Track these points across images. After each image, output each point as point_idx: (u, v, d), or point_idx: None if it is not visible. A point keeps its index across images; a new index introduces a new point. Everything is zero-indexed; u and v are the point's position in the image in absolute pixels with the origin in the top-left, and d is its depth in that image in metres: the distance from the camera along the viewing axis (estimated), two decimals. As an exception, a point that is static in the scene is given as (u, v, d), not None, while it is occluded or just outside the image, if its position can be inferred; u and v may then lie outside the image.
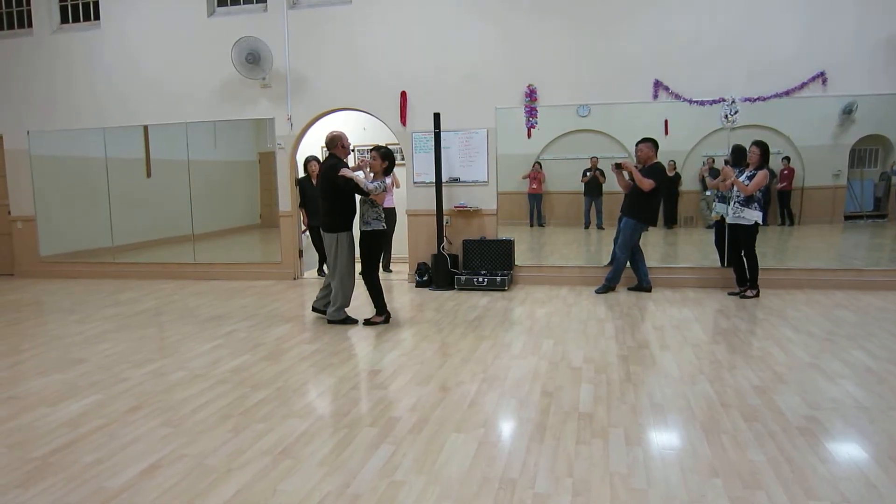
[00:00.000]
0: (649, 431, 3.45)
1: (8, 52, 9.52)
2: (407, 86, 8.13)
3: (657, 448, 3.25)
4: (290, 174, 8.67)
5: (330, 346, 5.38)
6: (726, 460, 3.07)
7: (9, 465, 3.23)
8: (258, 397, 4.13)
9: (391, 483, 2.94)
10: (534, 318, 6.16)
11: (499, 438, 3.42)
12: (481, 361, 4.79)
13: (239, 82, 8.58)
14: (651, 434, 3.42)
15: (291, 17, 8.44)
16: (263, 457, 3.24)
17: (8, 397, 4.28)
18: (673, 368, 4.51)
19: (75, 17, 9.42)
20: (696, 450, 3.20)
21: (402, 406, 3.91)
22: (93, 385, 4.47)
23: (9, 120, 9.62)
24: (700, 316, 6.10)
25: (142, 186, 9.32)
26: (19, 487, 2.99)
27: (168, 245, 9.37)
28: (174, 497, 2.86)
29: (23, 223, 9.76)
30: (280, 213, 8.79)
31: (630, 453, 3.19)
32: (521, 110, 7.88)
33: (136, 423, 3.75)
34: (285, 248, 8.84)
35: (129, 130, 9.22)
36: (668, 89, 7.46)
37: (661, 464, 3.06)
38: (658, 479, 2.91)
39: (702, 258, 7.87)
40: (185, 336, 5.81)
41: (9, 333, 6.14)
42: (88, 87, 9.26)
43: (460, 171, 8.15)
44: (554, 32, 7.68)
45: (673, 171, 8.22)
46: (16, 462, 3.26)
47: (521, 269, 8.08)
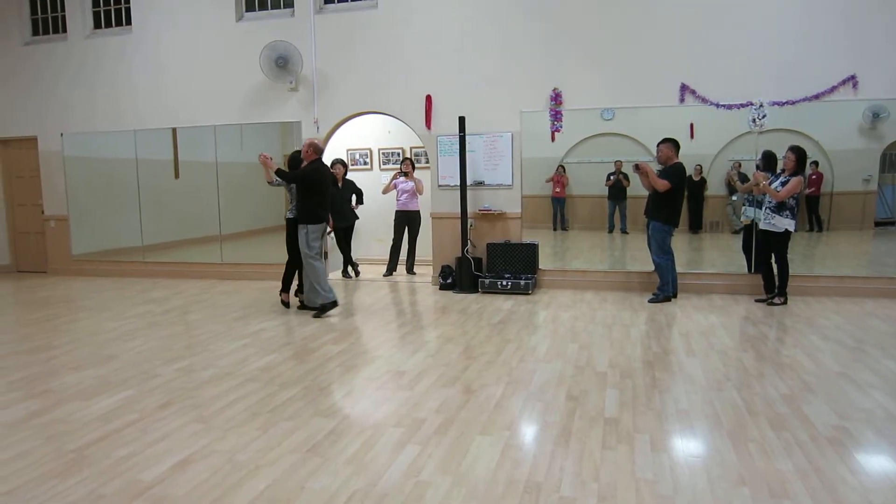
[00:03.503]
0: (675, 438, 3.45)
1: (44, 56, 9.75)
2: (432, 89, 8.18)
3: (683, 455, 3.24)
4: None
5: (355, 346, 5.44)
6: (754, 469, 3.06)
7: (46, 456, 3.32)
8: (286, 396, 4.19)
9: (417, 483, 2.97)
10: (558, 322, 6.16)
11: (524, 441, 3.44)
12: (506, 364, 4.80)
13: (266, 86, 8.70)
14: (677, 440, 3.41)
15: (318, 22, 8.53)
16: (291, 454, 3.29)
17: (44, 391, 4.38)
18: (699, 375, 4.49)
19: (108, 23, 9.61)
20: (723, 457, 3.19)
21: (428, 407, 3.94)
22: (125, 381, 4.56)
23: (43, 122, 9.84)
24: (727, 322, 6.06)
25: (170, 187, 9.48)
26: (56, 478, 3.07)
27: (196, 245, 9.51)
28: (205, 492, 2.92)
29: (56, 222, 9.97)
30: (306, 215, 8.87)
31: (656, 459, 3.18)
32: (546, 114, 7.88)
33: (168, 418, 3.83)
34: (311, 250, 8.92)
35: (159, 133, 9.38)
36: (694, 93, 7.42)
37: (688, 471, 3.06)
38: (685, 485, 2.91)
39: (728, 264, 7.81)
40: (214, 334, 5.91)
41: (43, 329, 6.28)
42: (120, 90, 9.44)
43: (485, 175, 8.17)
44: (580, 36, 7.67)
45: (699, 176, 8.16)
46: (53, 454, 3.35)
47: (546, 273, 8.07)
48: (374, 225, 10.14)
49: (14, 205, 10.34)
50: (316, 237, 6.56)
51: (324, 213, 6.60)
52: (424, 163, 9.43)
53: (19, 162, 10.19)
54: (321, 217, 6.56)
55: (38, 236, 10.21)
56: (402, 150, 10.21)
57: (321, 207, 6.57)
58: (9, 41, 9.86)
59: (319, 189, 6.52)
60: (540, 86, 7.85)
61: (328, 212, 6.70)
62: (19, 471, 3.17)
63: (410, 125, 8.42)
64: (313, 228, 6.51)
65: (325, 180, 6.60)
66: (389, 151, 10.33)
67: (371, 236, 10.30)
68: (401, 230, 9.14)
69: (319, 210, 6.55)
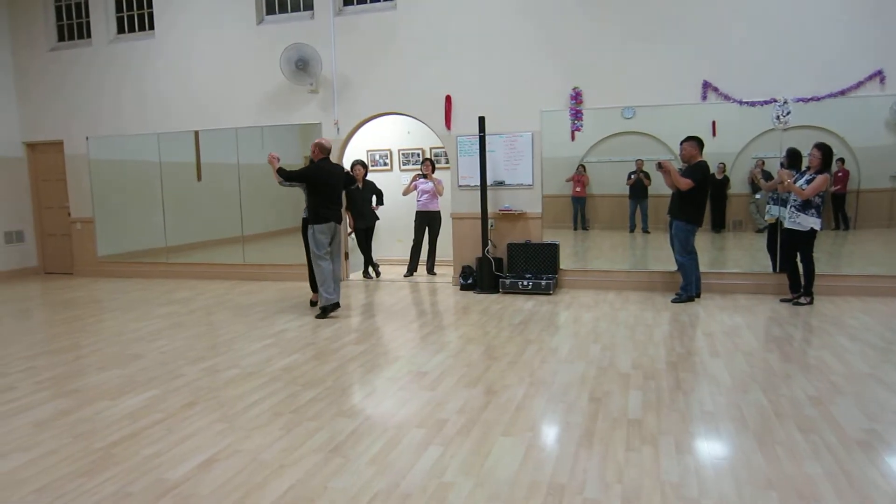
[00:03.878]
0: (700, 440, 3.41)
1: (69, 61, 9.90)
2: (451, 89, 8.18)
3: (709, 457, 3.20)
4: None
5: (377, 347, 5.45)
6: (781, 472, 3.02)
7: (74, 454, 3.37)
8: (308, 396, 4.21)
9: (440, 484, 2.97)
10: (580, 323, 6.12)
11: (547, 443, 3.42)
12: (528, 365, 4.79)
13: (287, 88, 8.75)
14: (702, 443, 3.38)
15: (337, 24, 8.57)
16: (314, 454, 3.31)
17: (71, 390, 4.45)
18: (724, 376, 4.44)
19: (131, 28, 9.74)
20: (750, 460, 3.15)
21: (450, 408, 3.94)
22: (150, 380, 4.62)
23: (69, 126, 10.00)
24: (751, 323, 5.98)
25: (193, 190, 9.58)
26: (84, 476, 3.12)
27: (219, 246, 9.61)
28: (230, 491, 2.94)
29: (82, 224, 10.12)
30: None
31: (681, 461, 3.15)
32: (566, 113, 7.84)
33: (192, 418, 3.86)
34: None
35: (181, 135, 9.49)
36: (717, 90, 7.34)
37: (714, 473, 3.02)
38: (711, 488, 2.88)
39: (752, 263, 7.71)
40: (237, 335, 5.96)
41: (70, 330, 6.38)
42: (143, 94, 9.57)
43: (505, 175, 8.15)
44: (600, 34, 7.63)
45: (722, 174, 8.07)
46: (80, 452, 3.39)
47: (567, 273, 8.04)
48: (394, 225, 10.17)
49: (41, 208, 10.51)
50: (321, 237, 6.53)
51: (329, 213, 6.53)
52: (444, 163, 9.44)
53: (46, 166, 10.36)
54: (325, 217, 6.51)
55: (64, 238, 10.38)
56: (421, 151, 10.23)
57: (326, 207, 6.53)
58: (35, 47, 10.03)
59: (323, 188, 6.50)
60: (560, 85, 7.81)
61: (335, 211, 6.63)
62: (49, 468, 3.22)
63: (430, 126, 8.43)
64: (318, 228, 6.50)
65: (327, 179, 6.55)
66: (409, 152, 10.35)
67: (391, 237, 10.33)
68: (421, 231, 9.16)
69: (323, 209, 6.51)
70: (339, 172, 6.82)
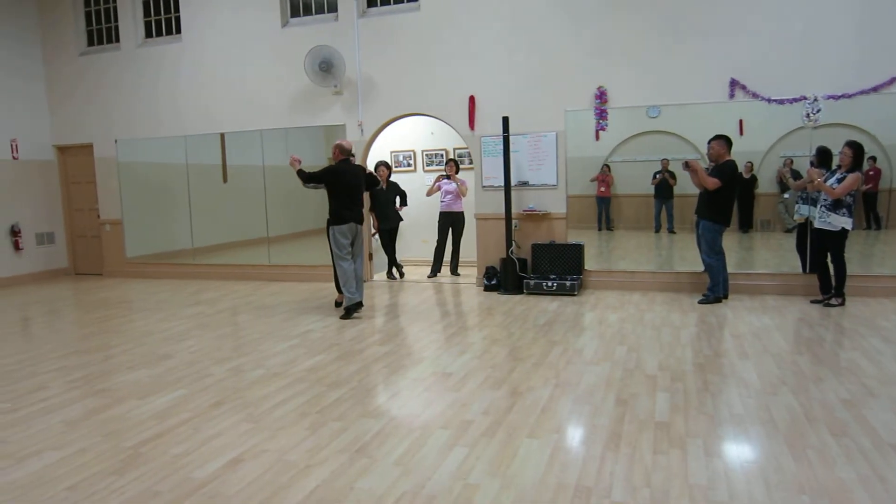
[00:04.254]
0: (730, 443, 3.36)
1: (98, 66, 10.07)
2: (475, 90, 8.16)
3: (739, 461, 3.15)
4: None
5: (402, 348, 5.46)
6: (813, 477, 2.96)
7: (104, 452, 3.42)
8: (334, 396, 4.22)
9: (466, 486, 2.96)
10: (606, 324, 6.07)
11: (573, 445, 3.40)
12: (553, 367, 4.76)
13: (311, 90, 8.81)
14: (732, 446, 3.33)
15: (361, 25, 8.61)
16: (340, 454, 3.32)
17: (101, 389, 4.52)
18: (753, 378, 4.37)
19: (158, 32, 9.88)
20: (781, 464, 3.09)
21: (475, 409, 3.93)
22: (178, 380, 4.67)
23: (99, 129, 10.16)
24: (781, 324, 5.89)
25: (219, 191, 9.68)
26: (114, 474, 3.16)
27: (244, 247, 9.70)
28: (257, 490, 2.96)
29: (111, 226, 10.29)
30: (351, 217, 8.95)
31: (710, 465, 3.11)
32: (591, 112, 7.79)
33: (219, 417, 3.90)
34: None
35: (208, 138, 9.59)
36: (745, 88, 7.23)
37: (744, 477, 2.97)
38: (741, 492, 2.83)
39: (781, 263, 7.59)
40: (263, 335, 6.00)
41: (100, 330, 6.48)
42: (170, 97, 9.69)
43: (529, 175, 8.12)
44: (625, 33, 7.56)
45: (749, 173, 7.96)
46: (111, 451, 3.44)
47: (591, 274, 7.98)
48: (418, 226, 10.18)
49: (72, 210, 10.70)
50: (341, 238, 6.56)
51: (348, 214, 6.55)
52: (468, 163, 9.43)
53: (76, 168, 10.54)
54: (345, 217, 6.53)
55: (94, 240, 10.55)
56: (445, 152, 10.23)
57: (345, 208, 6.56)
58: (66, 52, 10.22)
59: (343, 190, 6.53)
60: (584, 84, 7.76)
61: (355, 212, 6.62)
62: (80, 467, 3.27)
63: (454, 126, 8.42)
64: (338, 229, 6.54)
65: (347, 180, 6.56)
66: (433, 153, 10.36)
67: (415, 238, 10.34)
68: (445, 231, 9.15)
69: (343, 210, 6.54)
70: (360, 173, 6.81)
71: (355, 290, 6.59)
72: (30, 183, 10.14)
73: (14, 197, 9.89)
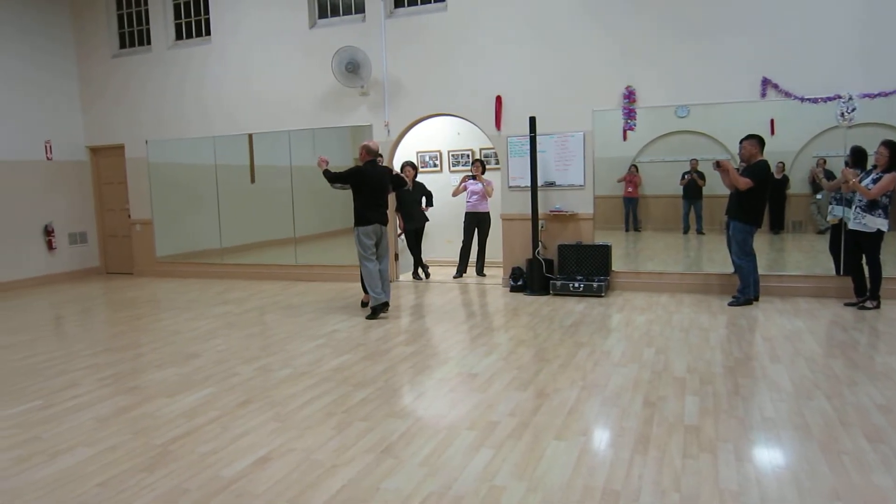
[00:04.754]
0: (761, 447, 3.29)
1: (130, 68, 10.23)
2: (502, 90, 8.13)
3: (770, 466, 3.09)
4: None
5: (427, 348, 5.46)
6: (849, 483, 2.89)
7: (135, 450, 3.47)
8: (360, 396, 4.23)
9: (492, 487, 2.94)
10: (633, 326, 6.01)
11: (600, 447, 3.36)
12: (580, 368, 4.72)
13: (338, 90, 8.85)
14: (763, 450, 3.26)
15: (389, 26, 8.63)
16: (366, 454, 3.32)
17: (132, 387, 4.58)
18: (785, 382, 4.28)
19: (188, 34, 10.01)
20: (815, 470, 3.02)
21: (501, 410, 3.90)
22: (206, 379, 4.72)
23: (130, 130, 10.33)
24: (813, 327, 5.77)
25: (247, 192, 9.78)
26: (144, 471, 3.20)
27: (271, 247, 9.78)
28: (284, 489, 2.98)
29: (141, 226, 10.45)
30: (377, 217, 8.97)
31: (741, 469, 3.05)
32: (619, 112, 7.71)
33: (247, 416, 3.93)
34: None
35: (236, 139, 9.69)
36: (777, 87, 7.11)
37: (776, 483, 2.91)
38: (773, 498, 2.77)
39: (813, 265, 7.44)
40: (290, 335, 6.04)
41: (130, 328, 6.58)
42: (200, 98, 9.81)
43: (556, 175, 8.06)
44: (654, 31, 7.47)
45: (781, 174, 7.82)
46: (141, 448, 3.49)
47: (619, 275, 7.90)
48: (443, 227, 10.17)
49: (103, 210, 10.89)
50: (365, 239, 6.58)
51: (373, 215, 6.56)
52: (494, 164, 9.40)
53: (108, 169, 10.73)
54: (369, 218, 6.55)
55: (125, 239, 10.72)
56: (471, 152, 10.21)
57: (370, 209, 6.57)
58: (98, 55, 10.40)
59: (367, 190, 6.55)
60: (612, 84, 7.69)
61: (380, 213, 6.64)
62: (110, 463, 3.31)
63: (480, 126, 8.40)
64: (362, 230, 6.56)
65: (371, 181, 6.57)
66: (459, 153, 10.35)
67: (441, 238, 10.34)
68: (470, 232, 9.13)
69: (367, 211, 6.56)
70: (385, 174, 6.82)
71: (381, 290, 6.60)
72: (63, 183, 10.34)
73: (48, 197, 10.09)
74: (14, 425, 3.92)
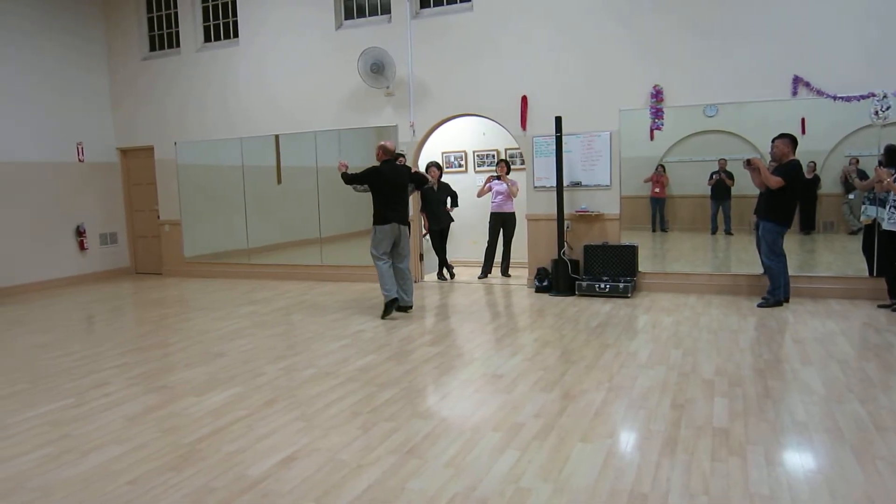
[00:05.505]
0: (792, 451, 3.23)
1: (160, 70, 10.38)
2: (528, 90, 8.10)
3: (802, 470, 3.03)
4: (411, 179, 8.84)
5: (452, 349, 5.45)
6: (883, 489, 2.82)
7: (163, 448, 3.51)
8: (385, 396, 4.24)
9: (517, 489, 2.93)
10: (660, 327, 5.94)
11: (627, 450, 3.32)
12: (606, 370, 4.67)
13: (363, 91, 8.88)
14: (794, 454, 3.20)
15: (414, 27, 8.64)
16: (391, 455, 3.32)
17: (161, 386, 4.65)
18: (817, 385, 4.20)
19: (217, 36, 10.12)
20: (847, 475, 2.96)
21: (526, 412, 3.88)
22: (233, 378, 4.76)
23: (159, 132, 10.48)
24: (846, 329, 5.65)
25: (273, 192, 9.86)
26: (173, 470, 3.24)
27: (297, 247, 9.85)
28: (310, 488, 2.99)
29: (170, 226, 10.59)
30: (402, 218, 8.97)
31: (771, 474, 3.00)
32: (646, 112, 7.63)
33: (273, 416, 3.96)
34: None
35: (263, 140, 9.78)
36: (808, 85, 6.97)
37: (808, 487, 2.85)
38: (805, 503, 2.72)
39: (845, 266, 7.29)
40: (315, 335, 6.08)
41: (159, 328, 6.67)
42: (227, 100, 9.92)
43: (582, 175, 8.01)
44: (682, 29, 7.38)
45: (812, 173, 7.67)
46: (169, 447, 3.53)
47: (645, 276, 7.82)
48: (469, 227, 10.16)
49: (133, 211, 11.06)
50: (381, 238, 6.61)
51: (391, 214, 6.58)
52: (520, 164, 9.36)
53: (138, 170, 10.89)
54: (386, 218, 6.57)
55: (154, 240, 10.88)
56: (496, 152, 10.18)
57: (388, 208, 6.59)
58: (129, 57, 10.57)
59: (385, 190, 6.59)
60: (639, 83, 7.61)
61: (398, 213, 6.64)
62: (139, 461, 3.36)
63: (505, 127, 8.37)
64: (379, 229, 6.60)
65: (387, 180, 6.58)
66: (484, 153, 10.33)
67: (466, 238, 10.32)
68: (495, 232, 9.11)
69: (386, 211, 6.59)
70: (404, 173, 6.83)
71: (392, 288, 6.61)
72: (94, 185, 10.52)
73: (80, 198, 10.27)
74: (46, 423, 3.99)
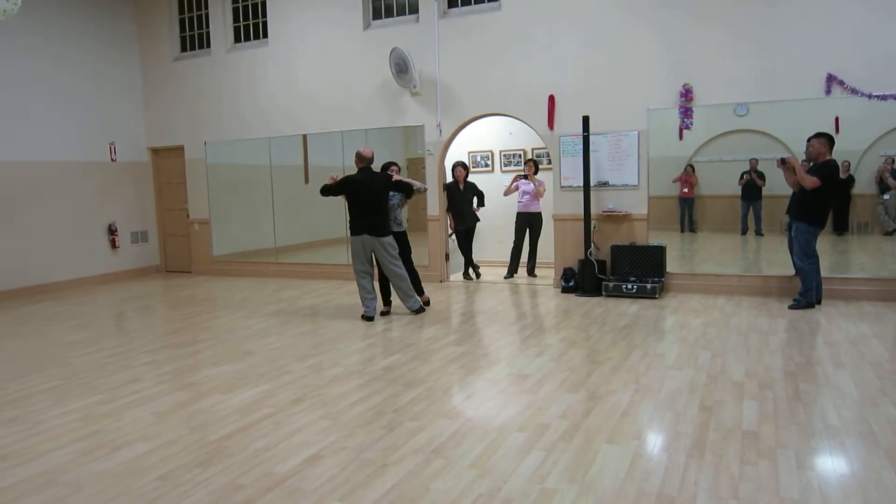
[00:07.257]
0: (824, 455, 3.17)
1: (190, 70, 10.53)
2: (555, 89, 8.05)
3: (834, 474, 2.97)
4: (437, 179, 8.86)
5: (477, 348, 5.44)
6: (919, 495, 2.75)
7: (191, 445, 3.56)
8: (410, 396, 4.25)
9: (542, 490, 2.91)
10: (688, 328, 5.86)
11: (654, 452, 3.28)
12: (633, 371, 4.63)
13: (390, 91, 8.91)
14: (826, 458, 3.14)
15: (442, 26, 8.64)
16: (416, 454, 3.33)
17: (189, 383, 4.71)
18: (850, 388, 4.11)
19: (247, 37, 10.23)
20: (882, 480, 2.89)
21: (552, 412, 3.86)
22: (260, 376, 4.81)
23: (190, 131, 10.62)
24: (880, 332, 5.52)
25: (301, 192, 9.93)
26: (200, 467, 3.28)
27: (324, 247, 9.92)
28: (335, 486, 3.01)
29: (199, 225, 10.73)
30: (428, 217, 9.00)
31: (802, 477, 2.94)
32: (675, 111, 7.54)
33: (299, 414, 3.99)
34: (433, 252, 9.04)
35: (291, 140, 9.87)
36: (843, 83, 6.83)
37: (840, 492, 2.80)
38: (837, 509, 2.67)
39: (879, 268, 7.13)
40: (341, 333, 6.11)
41: (188, 325, 6.77)
42: (256, 100, 10.02)
43: (609, 175, 7.94)
44: (712, 27, 7.28)
45: (846, 173, 7.51)
46: (197, 443, 3.58)
47: (674, 277, 7.73)
48: (495, 227, 10.13)
49: (164, 209, 11.23)
50: (354, 250, 6.53)
51: (359, 224, 6.45)
52: (546, 163, 9.32)
53: (168, 170, 11.06)
54: (354, 228, 6.50)
55: (183, 238, 11.03)
56: (523, 152, 10.15)
57: (356, 218, 6.49)
58: (160, 58, 10.73)
59: (354, 198, 6.50)
60: (668, 82, 7.52)
61: (367, 222, 6.43)
62: (168, 458, 3.41)
63: (532, 126, 8.34)
64: (350, 241, 6.53)
65: (358, 189, 6.44)
66: (511, 153, 10.30)
67: (492, 238, 10.30)
68: (522, 232, 9.08)
69: (354, 220, 6.53)
70: (379, 180, 6.55)
71: (369, 304, 6.59)
72: (126, 184, 10.70)
73: (112, 197, 10.45)
74: (78, 418, 4.07)
